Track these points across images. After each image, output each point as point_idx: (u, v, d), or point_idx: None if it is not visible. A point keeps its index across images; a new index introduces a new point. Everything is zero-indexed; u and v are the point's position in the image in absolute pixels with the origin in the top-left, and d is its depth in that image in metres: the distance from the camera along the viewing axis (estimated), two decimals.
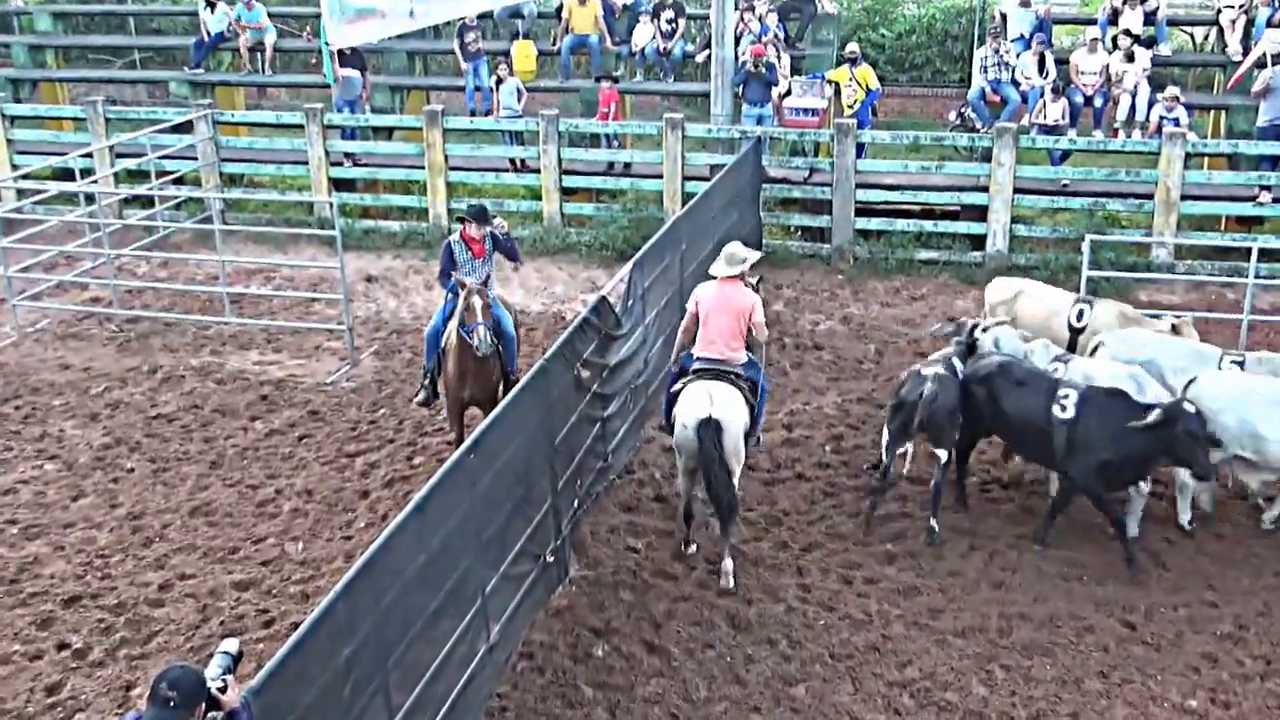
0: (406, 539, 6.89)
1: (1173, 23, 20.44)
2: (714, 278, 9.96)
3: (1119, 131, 17.12)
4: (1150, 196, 16.04)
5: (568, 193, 17.87)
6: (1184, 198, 15.92)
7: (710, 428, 9.24)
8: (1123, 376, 9.69)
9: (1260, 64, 16.93)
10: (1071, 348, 10.95)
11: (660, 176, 17.30)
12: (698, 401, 9.39)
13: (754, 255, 10.02)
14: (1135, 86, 17.08)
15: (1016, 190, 16.27)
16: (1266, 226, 16.78)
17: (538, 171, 17.73)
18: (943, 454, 10.03)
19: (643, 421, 11.73)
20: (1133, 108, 17.02)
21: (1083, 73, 17.40)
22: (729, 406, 9.41)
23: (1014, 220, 16.47)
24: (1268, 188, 16.07)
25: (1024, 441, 10.06)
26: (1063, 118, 17.00)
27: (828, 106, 17.88)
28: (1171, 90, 16.68)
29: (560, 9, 20.38)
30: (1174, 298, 15.34)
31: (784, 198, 17.31)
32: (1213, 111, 19.19)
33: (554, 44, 20.32)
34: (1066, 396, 9.55)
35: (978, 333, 10.56)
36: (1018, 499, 10.81)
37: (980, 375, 10.11)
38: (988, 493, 10.95)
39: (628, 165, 18.04)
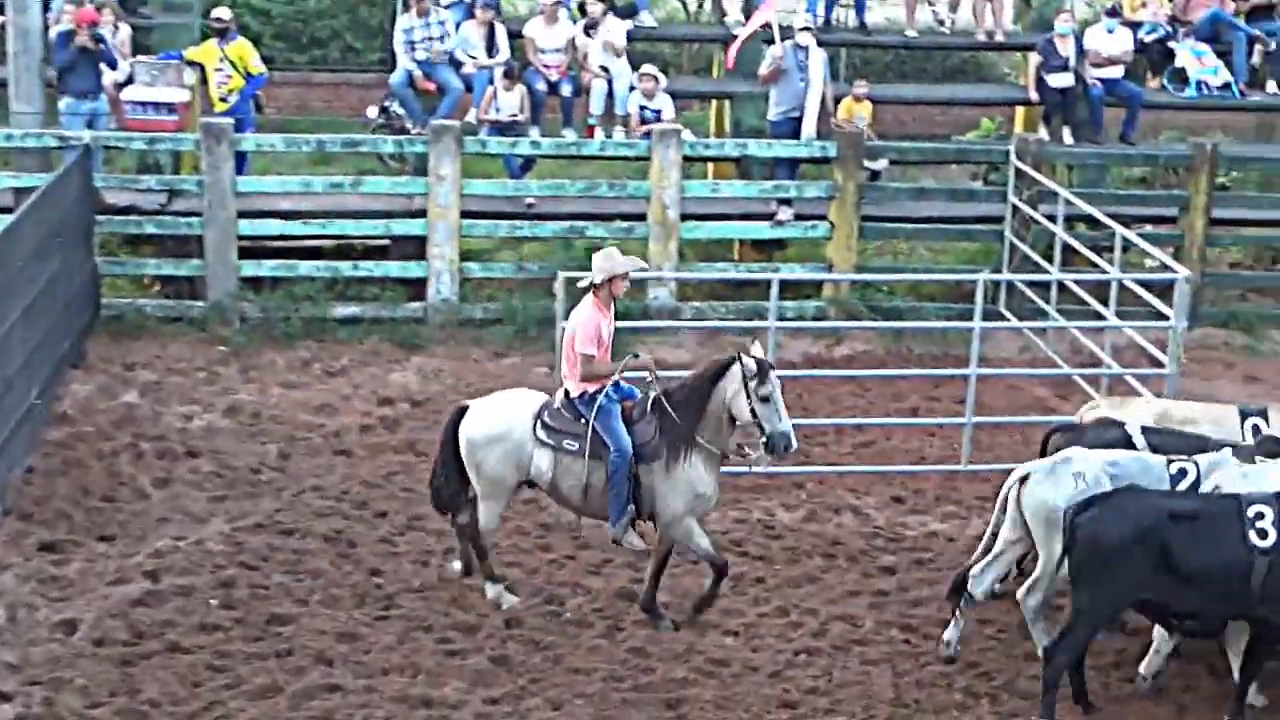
0: None
1: None
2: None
3: (596, 129, 18.25)
4: (642, 217, 17.21)
5: None
6: (685, 217, 17.23)
7: (455, 412, 11.77)
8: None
9: (767, 39, 18.63)
10: None
11: None
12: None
13: (620, 265, 11.35)
14: (612, 69, 18.26)
15: (465, 214, 16.96)
16: (791, 252, 18.47)
17: None
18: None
19: None
20: (610, 96, 18.19)
21: (542, 50, 18.42)
22: (487, 406, 11.66)
23: (464, 256, 17.11)
24: (788, 200, 17.70)
25: (1203, 598, 9.98)
26: (521, 112, 17.90)
27: (191, 100, 17.81)
28: (648, 69, 17.97)
29: None
30: (682, 353, 16.47)
31: (132, 235, 17.01)
32: (714, 101, 20.90)
33: None
34: (1262, 515, 9.78)
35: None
36: None
37: (1141, 528, 9.88)
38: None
39: None
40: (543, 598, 11.82)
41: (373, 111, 19.47)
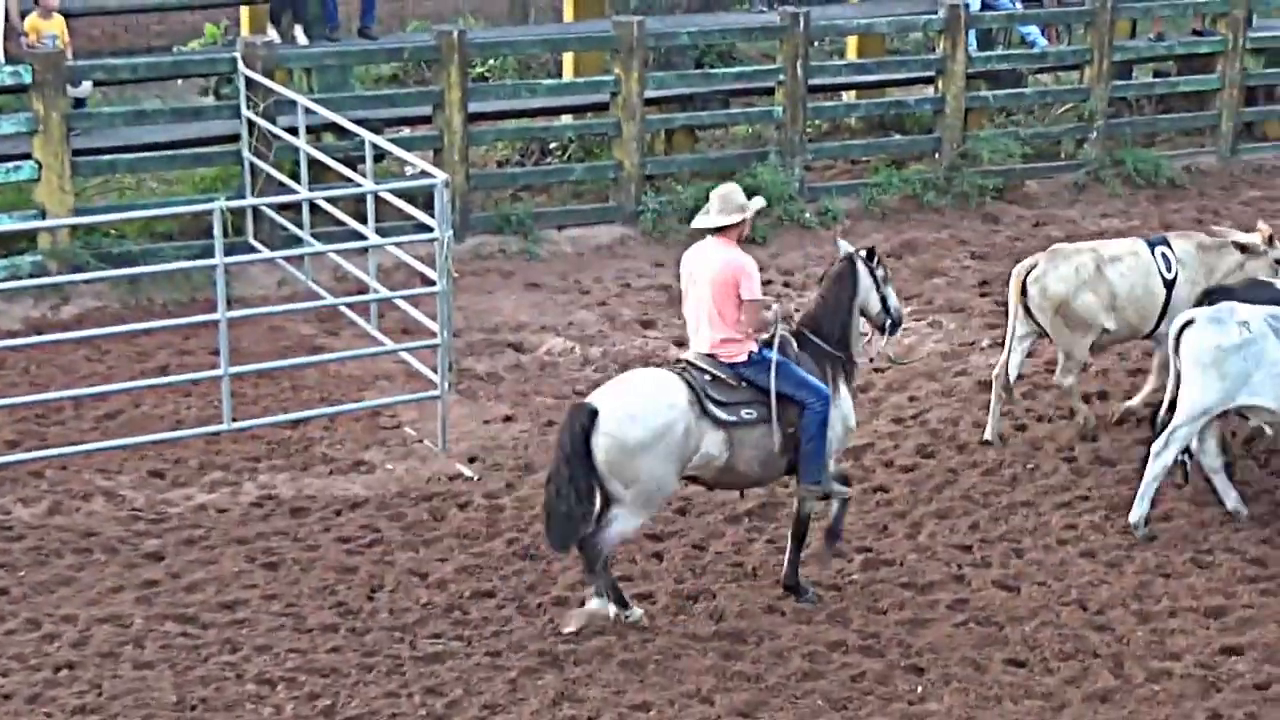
0: None
1: None
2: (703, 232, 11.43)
3: None
4: None
5: None
6: None
7: (579, 414, 10.95)
8: None
9: None
10: (1163, 316, 14.14)
11: None
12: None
13: (753, 202, 11.37)
14: None
15: None
16: None
17: None
18: None
19: None
20: None
21: None
22: (629, 400, 10.99)
23: None
24: None
25: None
26: None
27: None
28: None
29: None
30: None
31: None
32: None
33: None
34: None
35: None
36: None
37: None
38: None
39: None
40: None
41: None
